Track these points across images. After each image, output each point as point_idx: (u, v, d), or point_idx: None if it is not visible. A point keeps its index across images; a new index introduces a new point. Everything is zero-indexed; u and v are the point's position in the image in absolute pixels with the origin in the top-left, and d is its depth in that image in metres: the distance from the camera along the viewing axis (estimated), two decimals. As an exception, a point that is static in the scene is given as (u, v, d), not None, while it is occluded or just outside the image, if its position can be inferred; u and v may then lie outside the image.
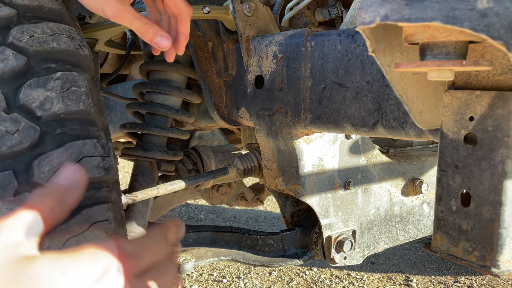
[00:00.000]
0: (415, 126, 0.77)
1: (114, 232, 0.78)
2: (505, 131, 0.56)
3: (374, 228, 1.20)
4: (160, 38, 0.83)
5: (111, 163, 0.79)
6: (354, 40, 0.85)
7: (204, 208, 3.93)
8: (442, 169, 0.63)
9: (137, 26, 0.82)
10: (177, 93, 1.19)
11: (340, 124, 0.89)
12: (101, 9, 0.79)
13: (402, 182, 1.24)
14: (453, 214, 0.62)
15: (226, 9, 1.07)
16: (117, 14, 0.79)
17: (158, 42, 0.83)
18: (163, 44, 0.84)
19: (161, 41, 0.83)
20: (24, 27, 0.73)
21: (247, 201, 1.73)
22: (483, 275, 2.67)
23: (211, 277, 2.66)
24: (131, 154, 1.17)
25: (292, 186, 1.08)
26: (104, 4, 0.78)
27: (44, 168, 0.70)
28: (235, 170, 1.27)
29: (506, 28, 0.43)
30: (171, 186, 1.12)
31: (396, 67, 0.53)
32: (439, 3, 0.45)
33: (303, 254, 1.18)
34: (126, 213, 1.16)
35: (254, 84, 1.08)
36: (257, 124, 1.08)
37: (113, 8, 0.79)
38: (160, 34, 0.83)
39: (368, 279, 2.65)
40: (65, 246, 0.71)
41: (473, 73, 0.62)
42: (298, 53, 0.95)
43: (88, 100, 0.77)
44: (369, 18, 0.50)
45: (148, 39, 0.84)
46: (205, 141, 1.67)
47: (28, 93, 0.70)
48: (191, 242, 1.21)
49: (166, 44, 0.84)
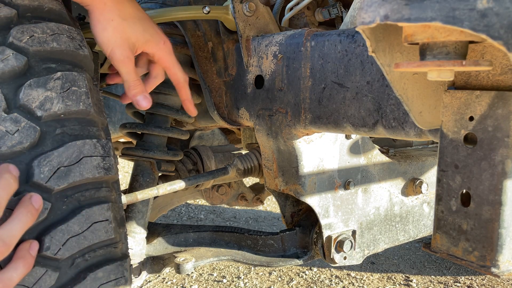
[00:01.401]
0: (415, 126, 0.77)
1: (114, 232, 0.79)
2: (505, 131, 0.56)
3: (374, 228, 1.20)
4: (143, 97, 0.91)
5: (111, 163, 0.79)
6: (354, 40, 0.85)
7: (204, 208, 3.93)
8: (442, 169, 0.63)
9: (130, 78, 0.89)
10: (177, 93, 1.18)
11: (340, 124, 0.89)
12: (111, 50, 0.85)
13: (402, 182, 1.24)
14: (453, 214, 0.62)
15: (226, 9, 1.07)
16: (123, 60, 0.86)
17: (139, 100, 0.91)
18: (143, 103, 0.91)
19: (142, 100, 0.91)
20: (24, 27, 0.73)
21: (247, 201, 1.73)
22: (483, 275, 2.67)
23: (211, 277, 2.66)
24: (131, 154, 1.17)
25: (292, 186, 1.08)
26: (117, 48, 0.85)
27: (44, 168, 0.70)
28: (235, 170, 1.27)
29: (506, 28, 0.43)
30: (171, 186, 1.12)
31: (396, 67, 0.53)
32: (439, 3, 0.45)
33: (303, 254, 1.18)
34: (126, 213, 1.16)
35: (254, 84, 1.08)
36: (257, 124, 1.08)
37: (123, 54, 0.86)
38: (144, 95, 0.91)
39: (368, 279, 2.65)
40: (65, 246, 0.71)
41: (473, 73, 0.62)
42: (298, 53, 0.95)
43: (88, 100, 0.77)
44: (369, 18, 0.50)
45: (131, 94, 0.91)
46: (205, 141, 1.67)
47: (28, 93, 0.70)
48: (191, 242, 1.21)
49: (144, 105, 0.92)
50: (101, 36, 0.84)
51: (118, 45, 0.85)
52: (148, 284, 2.56)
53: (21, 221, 0.64)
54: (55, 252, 0.70)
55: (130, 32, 0.86)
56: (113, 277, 0.79)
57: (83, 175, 0.74)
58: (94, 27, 0.84)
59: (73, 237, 0.72)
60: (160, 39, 0.92)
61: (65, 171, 0.72)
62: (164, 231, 1.23)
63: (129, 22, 0.85)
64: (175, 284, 2.57)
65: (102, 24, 0.83)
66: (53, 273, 0.70)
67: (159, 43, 0.92)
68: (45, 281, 0.70)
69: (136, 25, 0.87)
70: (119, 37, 0.85)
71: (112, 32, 0.84)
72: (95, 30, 0.84)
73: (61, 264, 0.72)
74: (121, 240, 0.81)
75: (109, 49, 0.85)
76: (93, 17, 0.84)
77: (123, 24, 0.84)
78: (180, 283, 2.58)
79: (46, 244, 0.69)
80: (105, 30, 0.84)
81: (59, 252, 0.71)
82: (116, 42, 0.85)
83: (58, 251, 0.70)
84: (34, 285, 0.68)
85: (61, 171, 0.71)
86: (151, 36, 0.90)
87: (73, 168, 0.73)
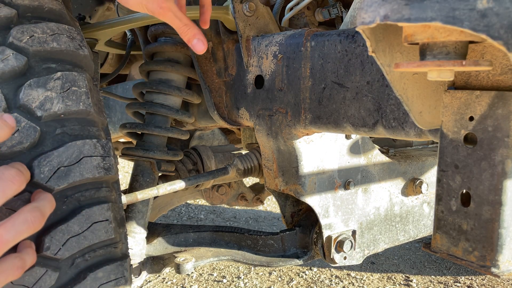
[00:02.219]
0: (415, 126, 0.77)
1: (114, 232, 0.78)
2: (505, 131, 0.56)
3: (374, 228, 1.20)
4: (196, 41, 0.87)
5: (111, 163, 0.79)
6: (354, 40, 0.85)
7: (204, 208, 3.93)
8: (442, 169, 0.63)
9: (177, 25, 0.86)
10: (177, 93, 1.19)
11: (340, 124, 0.89)
12: (145, 6, 0.83)
13: (402, 182, 1.24)
14: (453, 214, 0.62)
15: (226, 9, 1.07)
16: (159, 10, 0.83)
17: (195, 44, 0.87)
18: (198, 47, 0.87)
19: (197, 44, 0.87)
20: (24, 27, 0.73)
21: (247, 201, 1.73)
22: (483, 275, 2.67)
23: (211, 277, 2.66)
24: (131, 154, 1.17)
25: (292, 186, 1.08)
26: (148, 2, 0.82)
27: (44, 168, 0.70)
28: (235, 170, 1.27)
29: (506, 28, 0.43)
30: (171, 186, 1.12)
31: (396, 67, 0.53)
32: (439, 3, 0.45)
33: (303, 254, 1.18)
34: (126, 213, 1.16)
35: (254, 84, 1.08)
36: (257, 124, 1.08)
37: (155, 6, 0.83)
38: (197, 38, 0.87)
39: (368, 279, 2.65)
40: (65, 246, 0.71)
41: (473, 73, 0.62)
42: (298, 53, 0.95)
43: (88, 100, 0.77)
44: (369, 18, 0.50)
45: (186, 39, 0.87)
46: (205, 141, 1.67)
47: (28, 93, 0.71)
48: (191, 242, 1.21)
49: (201, 48, 0.87)
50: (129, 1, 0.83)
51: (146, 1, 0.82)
52: (148, 284, 2.56)
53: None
54: (55, 252, 0.70)
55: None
56: (113, 277, 0.79)
57: (83, 175, 0.74)
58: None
59: (73, 237, 0.72)
60: None
61: (65, 171, 0.72)
62: (164, 231, 1.23)
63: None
64: (175, 284, 2.57)
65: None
66: (53, 273, 0.70)
67: None
68: (45, 281, 0.70)
69: None
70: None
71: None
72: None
73: (61, 264, 0.72)
74: (121, 240, 0.81)
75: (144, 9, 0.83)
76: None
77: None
78: (180, 283, 2.58)
79: (46, 244, 0.69)
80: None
81: (59, 252, 0.71)
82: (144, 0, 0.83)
83: (58, 251, 0.70)
84: (34, 285, 0.68)
85: (61, 171, 0.71)
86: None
87: (73, 168, 0.73)
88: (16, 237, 0.61)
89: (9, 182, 0.62)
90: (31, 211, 0.63)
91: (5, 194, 0.62)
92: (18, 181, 0.64)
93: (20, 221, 0.62)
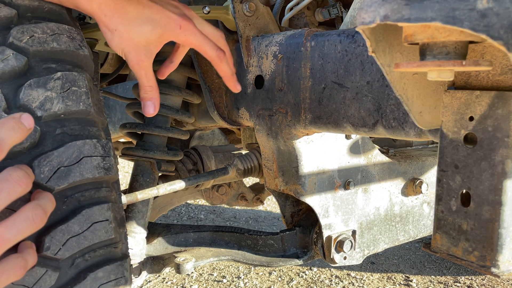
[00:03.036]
0: (415, 126, 0.77)
1: (114, 232, 0.79)
2: (505, 131, 0.56)
3: (374, 228, 1.20)
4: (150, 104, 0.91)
5: (111, 163, 0.79)
6: (354, 40, 0.85)
7: (204, 208, 3.93)
8: (442, 169, 0.63)
9: (142, 83, 0.89)
10: (177, 93, 1.19)
11: (340, 124, 0.89)
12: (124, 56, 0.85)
13: (402, 182, 1.24)
14: (453, 214, 0.62)
15: (226, 9, 1.07)
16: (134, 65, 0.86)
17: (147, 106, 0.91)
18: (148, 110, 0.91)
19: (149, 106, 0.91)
20: (24, 27, 0.73)
21: (247, 201, 1.73)
22: (483, 275, 2.67)
23: (211, 277, 2.66)
24: (131, 154, 1.17)
25: (292, 186, 1.08)
26: (128, 54, 0.85)
27: (44, 168, 0.70)
28: (235, 170, 1.27)
29: (506, 28, 0.43)
30: (171, 186, 1.12)
31: (396, 67, 0.53)
32: (439, 3, 0.45)
33: (303, 254, 1.18)
34: (126, 213, 1.16)
35: (254, 84, 1.08)
36: (257, 124, 1.08)
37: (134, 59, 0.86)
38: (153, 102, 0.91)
39: (368, 279, 2.65)
40: (65, 246, 0.71)
41: (473, 73, 0.62)
42: (298, 53, 0.95)
43: (88, 100, 0.77)
44: (369, 18, 0.50)
45: (141, 97, 0.91)
46: (205, 141, 1.67)
47: (28, 93, 0.71)
48: (191, 242, 1.21)
49: (151, 112, 0.91)
50: (111, 44, 0.84)
51: (128, 51, 0.84)
52: (148, 284, 2.56)
53: None
54: (55, 252, 0.70)
55: (137, 37, 0.83)
56: (113, 277, 0.79)
57: (83, 175, 0.74)
58: (104, 35, 0.84)
59: (73, 237, 0.72)
60: (175, 25, 0.87)
61: (65, 171, 0.72)
62: (164, 231, 1.23)
63: (134, 26, 0.83)
64: (175, 284, 2.57)
65: (108, 34, 0.83)
66: (53, 273, 0.70)
67: (175, 29, 0.87)
68: (45, 281, 0.69)
69: (143, 25, 0.83)
70: (127, 44, 0.83)
71: (119, 41, 0.83)
72: (105, 38, 0.84)
73: (61, 264, 0.72)
74: (121, 240, 0.81)
75: (122, 55, 0.85)
76: (100, 27, 0.83)
77: (128, 30, 0.82)
78: (180, 283, 2.58)
79: (46, 244, 0.69)
80: (113, 40, 0.83)
81: (59, 252, 0.71)
82: (126, 49, 0.84)
83: (58, 251, 0.70)
84: (34, 285, 0.68)
85: (61, 171, 0.71)
86: (163, 28, 0.85)
87: (73, 168, 0.73)
88: (17, 236, 0.61)
89: (16, 184, 0.62)
90: (33, 209, 0.63)
91: (10, 196, 0.61)
92: (25, 183, 0.63)
93: (21, 219, 0.62)
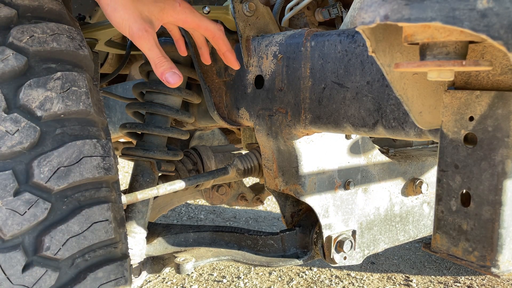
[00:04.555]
0: (415, 126, 0.77)
1: (114, 232, 0.79)
2: (505, 131, 0.56)
3: (374, 228, 1.20)
4: (170, 74, 0.84)
5: (111, 163, 0.79)
6: (354, 40, 0.85)
7: (204, 208, 3.93)
8: (442, 169, 0.63)
9: (155, 54, 0.83)
10: (177, 93, 1.19)
11: (340, 124, 0.89)
12: (128, 28, 0.81)
13: (402, 182, 1.24)
14: (453, 214, 0.62)
15: (226, 9, 1.07)
16: (142, 34, 0.81)
17: (167, 77, 0.84)
18: (170, 80, 0.84)
19: (170, 77, 0.84)
20: (24, 27, 0.73)
21: (247, 201, 1.73)
22: (483, 275, 2.67)
23: (211, 277, 2.66)
24: (131, 154, 1.17)
25: (292, 186, 1.08)
26: (132, 24, 0.81)
27: (44, 168, 0.70)
28: (235, 170, 1.27)
29: (506, 28, 0.43)
30: (171, 186, 1.12)
31: (396, 67, 0.53)
32: (439, 3, 0.45)
33: (303, 254, 1.18)
34: (126, 213, 1.16)
35: (254, 84, 1.08)
36: (257, 124, 1.08)
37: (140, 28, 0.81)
38: (172, 71, 0.84)
39: (368, 279, 2.65)
40: (65, 246, 0.71)
41: (473, 73, 0.62)
42: (298, 53, 0.95)
43: (88, 100, 0.77)
44: (369, 18, 0.50)
45: (158, 73, 0.84)
46: (205, 141, 1.67)
47: (28, 93, 0.70)
48: (191, 242, 1.21)
49: (174, 82, 0.84)
50: (114, 17, 0.81)
51: (132, 21, 0.81)
52: (148, 284, 2.56)
53: None
54: (55, 252, 0.70)
55: (141, 6, 0.82)
56: (113, 277, 0.79)
57: (83, 175, 0.74)
58: (105, 11, 0.82)
59: (73, 237, 0.72)
60: (175, 2, 0.88)
61: (65, 171, 0.72)
62: (164, 231, 1.23)
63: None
64: (175, 284, 2.57)
65: (111, 5, 0.81)
66: (53, 273, 0.70)
67: (175, 6, 0.87)
68: (45, 281, 0.69)
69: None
70: (131, 13, 0.81)
71: (123, 10, 0.81)
72: (107, 13, 0.82)
73: (61, 264, 0.72)
74: (121, 240, 0.81)
75: (126, 28, 0.82)
76: (102, 1, 0.81)
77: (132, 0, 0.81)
78: (180, 283, 2.58)
79: (46, 244, 0.69)
80: (116, 10, 0.81)
81: (59, 252, 0.71)
82: (130, 19, 0.81)
83: (58, 251, 0.70)
84: (34, 285, 0.68)
85: (61, 171, 0.71)
86: (164, 3, 0.86)
87: (73, 168, 0.73)
88: None
89: None
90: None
91: None
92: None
93: None
